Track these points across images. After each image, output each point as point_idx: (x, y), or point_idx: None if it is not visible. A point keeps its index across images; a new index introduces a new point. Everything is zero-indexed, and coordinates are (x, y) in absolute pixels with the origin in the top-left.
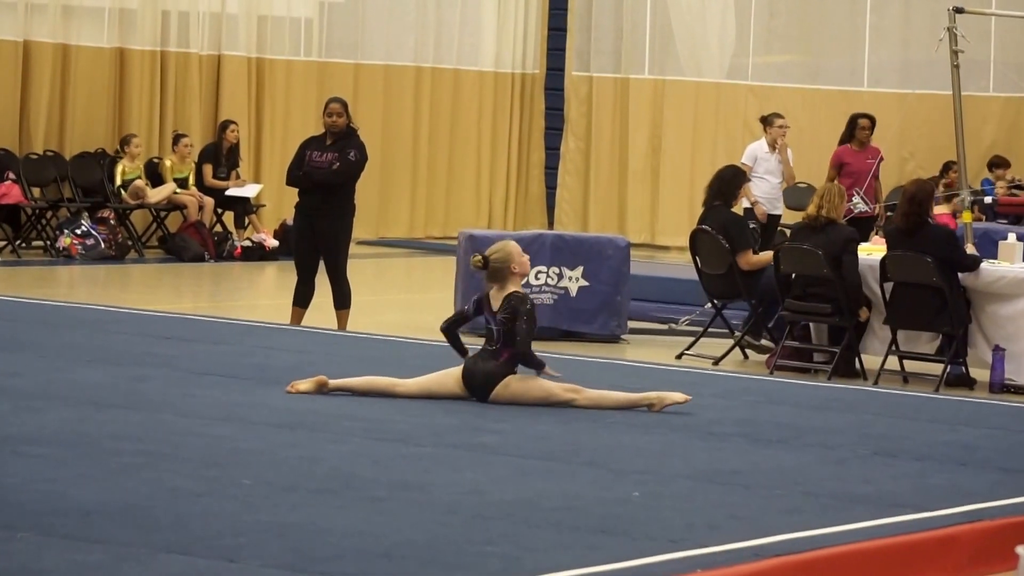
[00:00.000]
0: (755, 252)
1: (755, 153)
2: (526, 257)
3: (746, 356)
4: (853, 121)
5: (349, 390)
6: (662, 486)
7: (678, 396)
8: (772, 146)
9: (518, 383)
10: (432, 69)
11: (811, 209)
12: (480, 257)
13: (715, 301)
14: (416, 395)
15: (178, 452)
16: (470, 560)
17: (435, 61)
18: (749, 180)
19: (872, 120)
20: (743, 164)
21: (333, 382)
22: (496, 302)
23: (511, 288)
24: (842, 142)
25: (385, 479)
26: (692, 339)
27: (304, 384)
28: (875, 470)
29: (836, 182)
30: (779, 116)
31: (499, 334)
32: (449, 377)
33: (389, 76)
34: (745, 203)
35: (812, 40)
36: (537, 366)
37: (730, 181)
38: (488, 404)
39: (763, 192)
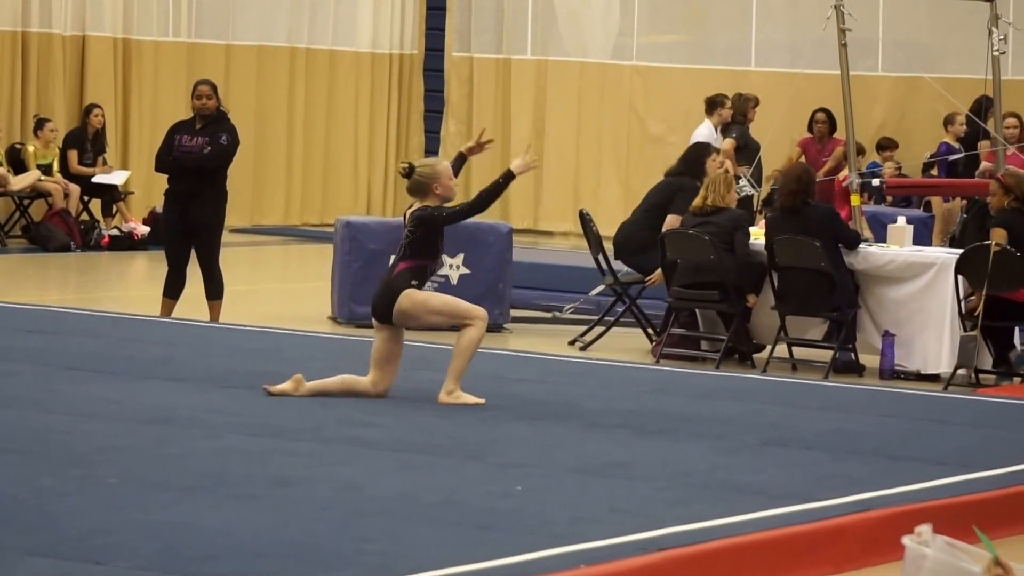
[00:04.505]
0: None
1: (708, 137)
2: (454, 182)
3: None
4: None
5: (324, 392)
6: (546, 479)
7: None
8: (721, 128)
9: (419, 294)
10: (307, 50)
11: (697, 201)
12: (406, 164)
13: (629, 295)
14: (378, 380)
15: (43, 450)
16: (347, 558)
17: (310, 41)
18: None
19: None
20: None
21: (307, 384)
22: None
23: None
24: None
25: (260, 476)
26: (583, 328)
27: (282, 386)
28: (764, 460)
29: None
30: (727, 98)
31: (402, 247)
32: (377, 337)
33: (262, 57)
34: None
35: (698, 19)
36: (505, 179)
37: (698, 159)
38: (376, 396)
39: None
